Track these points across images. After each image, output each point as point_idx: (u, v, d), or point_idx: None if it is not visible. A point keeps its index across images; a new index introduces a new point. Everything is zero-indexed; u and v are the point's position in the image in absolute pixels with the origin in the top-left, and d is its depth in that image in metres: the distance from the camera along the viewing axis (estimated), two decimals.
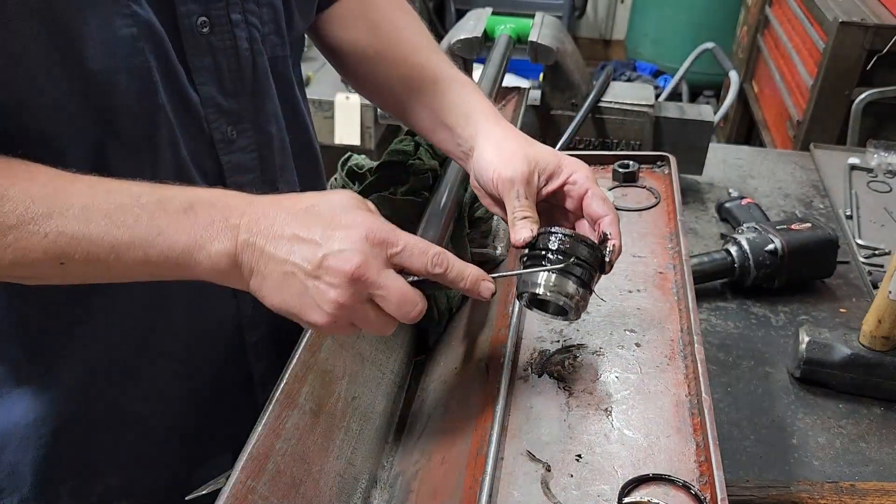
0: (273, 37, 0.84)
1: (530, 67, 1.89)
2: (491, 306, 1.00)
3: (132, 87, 0.71)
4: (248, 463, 0.72)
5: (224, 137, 0.81)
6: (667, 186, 1.12)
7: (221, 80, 0.79)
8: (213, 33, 0.77)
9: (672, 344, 0.84)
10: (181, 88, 0.76)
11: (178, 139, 0.77)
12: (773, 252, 1.34)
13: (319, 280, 0.65)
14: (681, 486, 0.67)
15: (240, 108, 0.82)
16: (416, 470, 0.84)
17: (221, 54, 0.78)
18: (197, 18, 0.75)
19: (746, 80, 3.11)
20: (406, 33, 0.99)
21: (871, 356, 1.13)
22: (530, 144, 0.84)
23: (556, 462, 0.71)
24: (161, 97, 0.73)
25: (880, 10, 2.22)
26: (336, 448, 0.85)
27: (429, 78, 0.94)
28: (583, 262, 0.75)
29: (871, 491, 0.97)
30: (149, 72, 0.71)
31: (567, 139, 1.51)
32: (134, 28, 0.69)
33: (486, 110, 0.90)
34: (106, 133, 0.72)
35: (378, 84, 1.00)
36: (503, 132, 0.86)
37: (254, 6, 0.80)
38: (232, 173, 0.83)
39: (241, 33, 0.79)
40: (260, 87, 0.83)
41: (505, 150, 0.83)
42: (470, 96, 0.92)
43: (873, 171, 1.81)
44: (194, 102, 0.77)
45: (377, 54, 0.97)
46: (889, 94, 2.16)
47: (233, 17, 0.78)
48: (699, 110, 1.65)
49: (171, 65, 0.74)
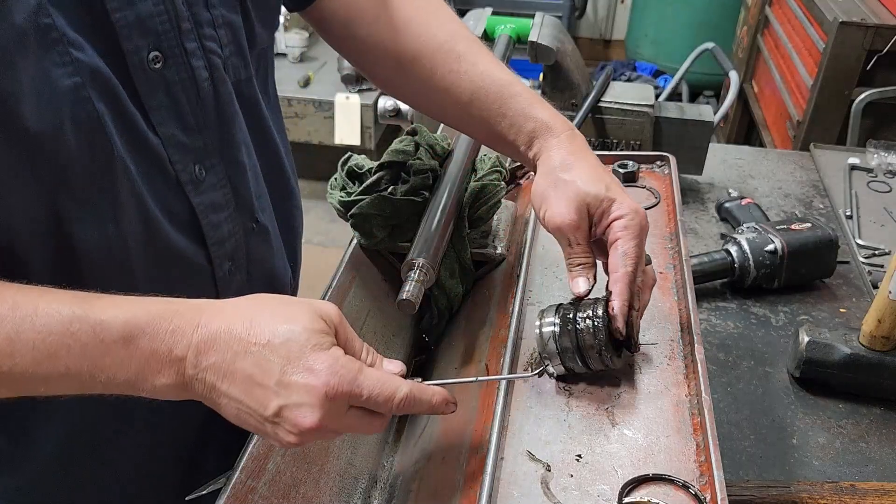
0: (234, 59, 0.77)
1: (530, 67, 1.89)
2: (491, 306, 1.00)
3: (82, 141, 0.64)
4: (248, 463, 0.72)
5: (192, 178, 0.74)
6: (667, 186, 1.12)
7: (182, 116, 0.72)
8: (166, 67, 0.69)
9: (672, 344, 0.84)
10: (138, 133, 0.69)
11: (139, 188, 0.70)
12: (772, 252, 1.34)
13: (278, 427, 0.62)
14: (681, 486, 0.67)
15: (205, 143, 0.75)
16: (416, 470, 0.84)
17: (178, 88, 0.71)
18: (148, 53, 0.67)
19: (746, 80, 3.11)
20: (439, 33, 0.91)
21: (871, 356, 1.13)
22: (586, 179, 0.80)
23: (556, 462, 0.71)
24: (116, 147, 0.66)
25: (880, 10, 2.22)
26: (336, 448, 0.86)
27: (478, 89, 0.88)
28: (568, 348, 0.76)
29: (871, 491, 0.97)
30: (99, 122, 0.64)
31: None
32: (77, 77, 0.61)
33: (554, 123, 0.86)
34: (59, 195, 0.65)
35: (418, 93, 0.95)
36: (562, 159, 0.83)
37: (210, 30, 0.72)
38: (205, 214, 0.77)
39: (197, 62, 0.71)
40: (225, 117, 0.76)
41: (559, 188, 0.80)
42: (534, 109, 0.87)
43: (873, 171, 1.81)
44: (154, 145, 0.70)
45: (411, 59, 0.91)
46: (889, 94, 2.16)
47: (187, 45, 0.70)
48: (699, 110, 1.65)
49: (124, 109, 0.67)
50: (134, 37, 0.66)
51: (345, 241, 1.12)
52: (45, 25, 0.59)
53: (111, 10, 0.64)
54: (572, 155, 0.83)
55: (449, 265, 1.06)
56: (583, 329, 0.75)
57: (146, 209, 0.71)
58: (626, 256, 0.77)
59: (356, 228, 1.08)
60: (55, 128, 0.62)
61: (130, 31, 0.65)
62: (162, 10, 0.67)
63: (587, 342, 0.75)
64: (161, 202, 0.73)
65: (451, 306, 1.08)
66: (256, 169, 0.85)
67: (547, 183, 0.82)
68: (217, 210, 0.78)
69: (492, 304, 1.01)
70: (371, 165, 1.12)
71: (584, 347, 0.75)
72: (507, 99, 0.88)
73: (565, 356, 0.76)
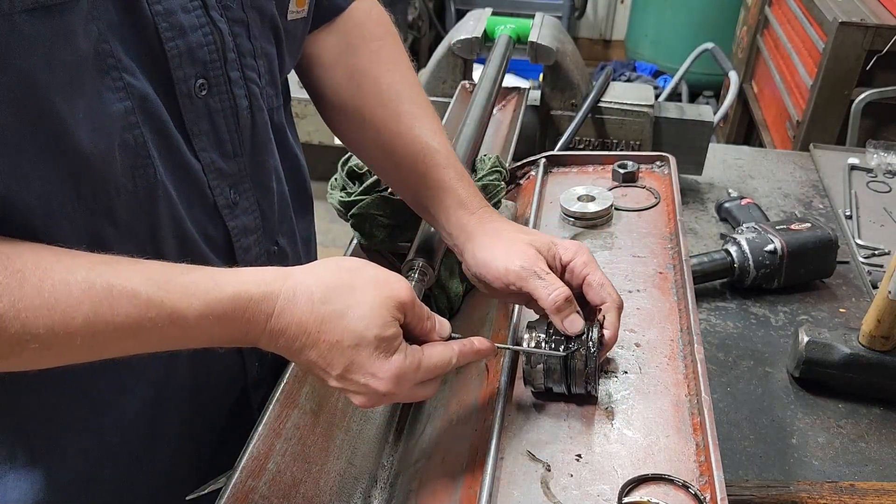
0: (269, 88, 0.80)
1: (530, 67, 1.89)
2: (491, 306, 1.01)
3: (127, 165, 0.66)
4: (249, 463, 0.72)
5: (227, 202, 0.77)
6: (666, 186, 1.12)
7: (221, 143, 0.74)
8: (210, 95, 0.71)
9: (672, 344, 0.84)
10: (181, 158, 0.71)
11: (179, 212, 0.72)
12: (772, 252, 1.34)
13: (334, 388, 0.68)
14: (680, 486, 0.67)
15: (239, 169, 0.77)
16: (416, 470, 0.84)
17: (220, 116, 0.73)
18: (195, 81, 0.69)
19: (746, 81, 3.11)
20: (386, 90, 0.90)
21: (870, 356, 1.14)
22: (524, 232, 0.82)
23: (556, 462, 0.71)
24: (158, 171, 0.68)
25: (880, 10, 2.22)
26: (336, 448, 0.86)
27: (410, 154, 0.88)
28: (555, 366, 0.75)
29: (871, 490, 0.97)
30: (144, 146, 0.66)
31: (567, 139, 1.52)
32: (127, 101, 0.64)
33: (471, 201, 0.86)
34: (100, 218, 0.66)
35: (358, 146, 0.95)
36: (492, 227, 0.83)
37: (251, 60, 0.75)
38: (238, 237, 0.79)
39: (239, 91, 0.74)
40: (259, 144, 0.79)
41: (503, 241, 0.80)
42: (452, 183, 0.86)
43: (873, 171, 1.81)
44: (196, 170, 0.73)
45: (357, 112, 0.91)
46: (888, 95, 2.16)
47: (231, 75, 0.73)
48: (699, 110, 1.65)
49: (169, 134, 0.69)
50: (184, 65, 0.68)
51: (345, 241, 1.12)
52: (103, 51, 0.61)
53: (165, 40, 0.66)
54: (496, 222, 0.84)
55: (449, 265, 1.06)
56: (575, 356, 0.74)
57: (184, 232, 0.73)
58: (605, 286, 0.77)
59: (356, 228, 1.08)
60: (106, 150, 0.63)
61: (181, 60, 0.68)
62: (211, 41, 0.70)
63: (578, 368, 0.74)
64: (198, 225, 0.75)
65: (451, 306, 1.08)
66: (285, 194, 0.87)
67: (486, 248, 0.81)
68: (248, 234, 0.81)
69: (492, 304, 1.01)
70: None
71: (573, 373, 0.74)
72: (432, 168, 0.87)
73: (550, 378, 0.75)
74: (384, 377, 0.65)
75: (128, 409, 0.78)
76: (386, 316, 0.66)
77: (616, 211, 1.07)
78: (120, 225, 0.68)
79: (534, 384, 0.76)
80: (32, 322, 0.56)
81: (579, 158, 1.22)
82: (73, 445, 0.77)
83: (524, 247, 0.78)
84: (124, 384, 0.77)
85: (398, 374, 0.66)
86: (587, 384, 0.75)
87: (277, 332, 0.64)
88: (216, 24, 0.70)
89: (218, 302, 0.62)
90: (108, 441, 0.79)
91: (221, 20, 0.71)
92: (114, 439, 0.79)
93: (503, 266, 0.78)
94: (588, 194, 1.07)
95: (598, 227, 1.05)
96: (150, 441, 0.82)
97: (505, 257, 0.78)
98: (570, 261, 0.79)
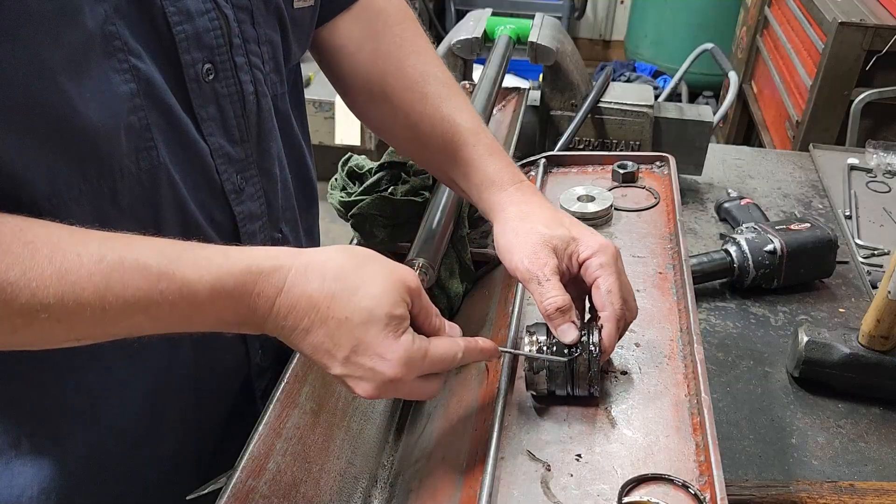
0: (273, 75, 0.81)
1: (530, 68, 1.89)
2: (491, 306, 1.01)
3: (131, 146, 0.66)
4: (249, 463, 0.72)
5: (234, 187, 0.78)
6: (666, 187, 1.12)
7: (228, 128, 0.75)
8: (217, 80, 0.73)
9: (671, 344, 0.84)
10: (189, 141, 0.72)
11: (183, 196, 0.73)
12: (772, 252, 1.34)
13: (337, 379, 0.67)
14: (680, 486, 0.67)
15: (246, 154, 0.78)
16: (416, 470, 0.84)
17: (226, 101, 0.74)
18: (203, 66, 0.71)
19: (746, 81, 3.11)
20: (411, 73, 0.91)
21: (870, 356, 1.14)
22: (546, 223, 0.80)
23: (556, 462, 0.71)
24: (161, 155, 0.69)
25: (879, 10, 2.23)
26: (336, 448, 0.86)
27: (437, 135, 0.89)
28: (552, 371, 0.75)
29: (871, 490, 0.97)
30: (147, 129, 0.67)
31: (566, 140, 1.52)
32: (133, 84, 0.65)
33: (500, 177, 0.86)
34: (104, 200, 0.67)
35: (387, 130, 0.96)
36: (518, 210, 0.83)
37: (255, 46, 0.76)
38: (244, 223, 0.80)
39: (244, 76, 0.75)
40: (264, 131, 0.80)
41: (520, 236, 0.80)
42: (481, 161, 0.87)
43: (872, 171, 1.81)
44: (204, 154, 0.74)
45: (384, 96, 0.91)
46: (888, 95, 2.17)
47: (237, 60, 0.74)
48: (698, 111, 1.65)
49: (175, 118, 0.70)
50: (192, 50, 0.69)
51: (345, 241, 1.11)
52: (110, 33, 0.62)
53: (173, 24, 0.67)
54: (526, 204, 0.84)
55: (449, 265, 1.06)
56: (577, 359, 0.74)
57: (187, 216, 0.74)
58: (611, 294, 0.77)
59: (356, 229, 1.08)
60: (112, 130, 0.64)
61: (189, 44, 0.69)
62: (217, 26, 0.71)
63: (580, 371, 0.74)
64: (205, 210, 0.76)
65: (451, 306, 1.08)
66: (287, 182, 0.88)
67: (507, 235, 0.82)
68: (254, 220, 0.82)
69: (492, 304, 1.01)
70: (371, 166, 1.12)
71: (576, 376, 0.74)
72: (460, 147, 0.88)
73: (552, 382, 0.75)
74: (392, 358, 0.64)
75: (130, 398, 0.79)
76: (396, 296, 0.66)
77: (616, 211, 1.07)
78: (123, 207, 0.69)
79: (536, 388, 0.76)
80: (42, 292, 0.56)
81: (579, 158, 1.22)
82: (75, 434, 0.78)
83: (537, 246, 0.78)
84: (125, 375, 0.77)
85: (406, 356, 0.65)
86: (590, 387, 0.75)
87: (287, 308, 0.64)
88: (222, 10, 0.72)
89: (229, 275, 0.62)
90: (111, 429, 0.79)
91: (227, 6, 0.72)
92: (117, 427, 0.80)
93: (513, 262, 0.79)
94: (588, 194, 1.07)
95: (597, 228, 1.05)
96: (155, 427, 0.82)
97: (518, 252, 0.79)
98: (587, 259, 0.78)
